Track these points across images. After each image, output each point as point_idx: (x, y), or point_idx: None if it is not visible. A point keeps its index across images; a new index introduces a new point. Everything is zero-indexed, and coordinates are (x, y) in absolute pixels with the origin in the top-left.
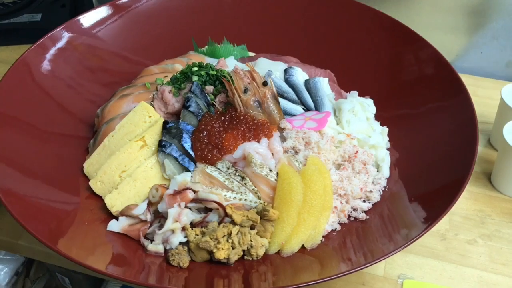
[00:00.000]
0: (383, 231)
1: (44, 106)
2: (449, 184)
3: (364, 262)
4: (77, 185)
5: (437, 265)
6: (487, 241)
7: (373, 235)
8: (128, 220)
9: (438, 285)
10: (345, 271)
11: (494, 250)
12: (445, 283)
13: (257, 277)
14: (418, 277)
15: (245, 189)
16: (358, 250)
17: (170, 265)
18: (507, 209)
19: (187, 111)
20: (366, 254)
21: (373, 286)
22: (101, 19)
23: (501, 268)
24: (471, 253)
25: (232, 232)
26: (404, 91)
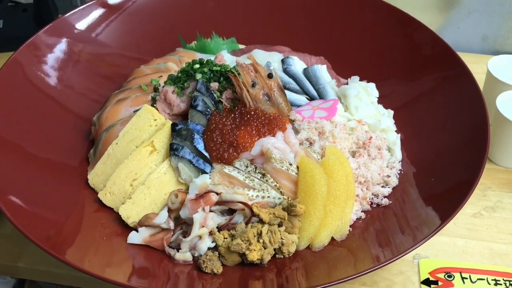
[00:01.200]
0: (408, 217)
1: (32, 114)
2: (468, 164)
3: (396, 252)
4: (82, 199)
5: (448, 242)
6: (491, 213)
7: (399, 221)
8: (149, 230)
9: (453, 261)
10: (380, 262)
11: (499, 221)
12: (458, 259)
13: (293, 275)
14: (432, 255)
15: (267, 186)
16: (387, 239)
17: (202, 272)
18: (506, 180)
19: (195, 111)
20: (396, 242)
21: (390, 268)
22: (83, 19)
23: (509, 238)
24: (478, 226)
25: (262, 232)
26: (402, 73)
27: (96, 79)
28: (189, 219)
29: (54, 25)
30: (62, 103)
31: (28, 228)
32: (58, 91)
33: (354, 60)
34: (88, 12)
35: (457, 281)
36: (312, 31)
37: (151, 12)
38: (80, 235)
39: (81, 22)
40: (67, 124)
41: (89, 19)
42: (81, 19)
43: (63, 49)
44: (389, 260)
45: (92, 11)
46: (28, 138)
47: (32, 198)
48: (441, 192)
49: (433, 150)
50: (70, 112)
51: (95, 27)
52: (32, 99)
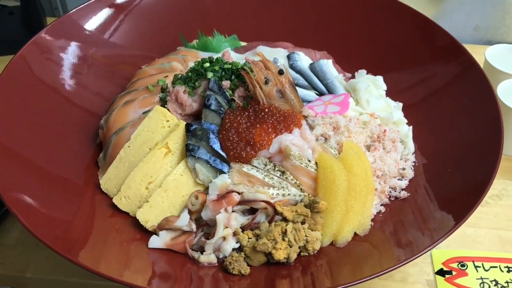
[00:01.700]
0: (428, 209)
1: (34, 116)
2: (484, 155)
3: (419, 246)
4: (94, 204)
5: (458, 231)
6: (497, 201)
7: (419, 214)
8: (170, 234)
9: (465, 250)
10: (406, 258)
11: (506, 208)
12: (469, 247)
13: (319, 272)
14: (444, 245)
15: (287, 183)
16: (409, 232)
17: (229, 273)
18: (509, 168)
19: (208, 110)
20: (418, 236)
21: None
22: (83, 18)
23: None
24: (485, 215)
25: (287, 230)
26: (405, 66)
27: (100, 80)
28: (211, 220)
29: (57, 23)
30: (67, 105)
31: (41, 232)
32: (62, 93)
33: (356, 54)
34: (88, 11)
35: (470, 270)
36: (313, 25)
37: (150, 11)
38: (94, 241)
39: (82, 20)
40: (72, 128)
41: (89, 17)
42: (82, 18)
43: (66, 49)
44: (415, 255)
45: (91, 10)
46: (32, 143)
47: (43, 204)
48: (461, 182)
49: (445, 141)
50: (75, 114)
51: (96, 26)
52: (36, 101)
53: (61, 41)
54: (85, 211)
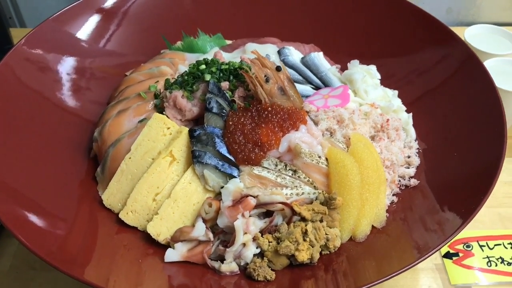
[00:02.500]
0: (440, 195)
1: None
2: (487, 138)
3: (440, 235)
4: (96, 221)
5: None
6: None
7: (433, 201)
8: (186, 245)
9: (468, 231)
10: (428, 249)
11: (501, 185)
12: (472, 228)
13: (342, 270)
14: None
15: (299, 182)
16: (426, 222)
17: (253, 280)
18: None
19: (210, 114)
20: (435, 225)
21: None
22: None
23: None
24: None
25: (307, 230)
26: (395, 54)
27: (86, 89)
28: (228, 227)
29: (37, 30)
30: (53, 117)
31: (39, 251)
32: (46, 106)
33: (344, 44)
34: (67, 17)
35: (476, 250)
36: (298, 18)
37: (130, 14)
38: (99, 258)
39: (62, 26)
40: (61, 142)
41: (68, 24)
42: (63, 24)
43: (47, 58)
44: (436, 246)
45: (70, 17)
46: (21, 161)
47: (38, 222)
48: (469, 166)
49: (445, 126)
50: (64, 127)
51: (75, 33)
52: (21, 114)
53: (41, 49)
54: (86, 228)
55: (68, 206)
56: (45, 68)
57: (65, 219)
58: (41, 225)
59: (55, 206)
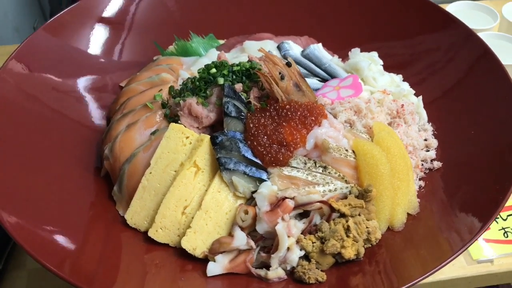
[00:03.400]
0: (469, 176)
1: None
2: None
3: (483, 216)
4: (119, 242)
5: None
6: None
7: (460, 184)
8: (227, 256)
9: None
10: (473, 232)
11: None
12: None
13: (388, 261)
14: None
15: (330, 178)
16: (460, 205)
17: (304, 284)
18: None
19: (230, 118)
20: (470, 207)
21: None
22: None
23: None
24: None
25: (350, 226)
26: (394, 40)
27: (82, 104)
28: (268, 233)
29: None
30: (54, 136)
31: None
32: (44, 125)
33: (338, 33)
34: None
35: None
36: (289, 11)
37: (118, 22)
38: (131, 280)
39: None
40: (68, 162)
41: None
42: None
43: (40, 72)
44: (479, 229)
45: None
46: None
47: (66, 247)
48: (493, 143)
49: (457, 106)
50: (67, 145)
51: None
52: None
53: (34, 63)
54: (108, 250)
55: (86, 229)
56: (32, 83)
57: (85, 243)
58: (59, 249)
59: (77, 230)
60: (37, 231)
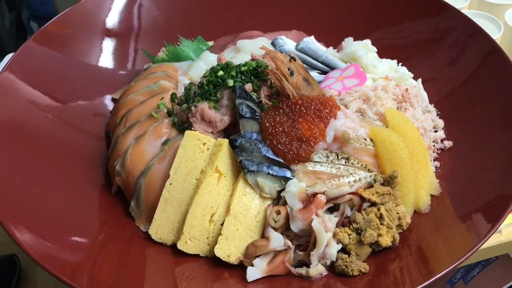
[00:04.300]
0: (482, 154)
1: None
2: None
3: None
4: (143, 259)
5: None
6: None
7: (474, 161)
8: (264, 260)
9: None
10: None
11: None
12: None
13: (421, 245)
14: None
15: (353, 168)
16: (480, 180)
17: (347, 277)
18: None
19: (245, 119)
20: (494, 181)
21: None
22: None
23: None
24: None
25: (383, 214)
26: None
27: (76, 118)
28: (302, 230)
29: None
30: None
31: None
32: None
33: (327, 24)
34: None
35: None
36: (274, 6)
37: (104, 31)
38: None
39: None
40: (73, 180)
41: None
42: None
43: (32, 84)
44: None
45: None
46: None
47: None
48: (499, 121)
49: (458, 88)
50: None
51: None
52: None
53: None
54: (133, 270)
55: (102, 250)
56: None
57: (104, 265)
58: (79, 270)
59: (93, 254)
60: (56, 255)
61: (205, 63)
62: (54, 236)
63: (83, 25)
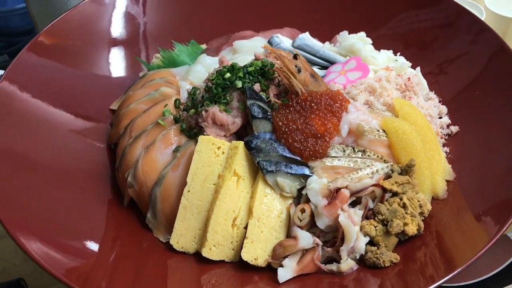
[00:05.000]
0: (488, 134)
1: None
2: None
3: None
4: (165, 270)
5: None
6: None
7: (482, 145)
8: (293, 259)
9: None
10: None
11: None
12: None
13: (446, 229)
14: None
15: (370, 161)
16: (492, 161)
17: (379, 268)
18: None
19: (258, 120)
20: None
21: None
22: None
23: None
24: None
25: (406, 203)
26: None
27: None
28: (329, 226)
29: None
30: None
31: None
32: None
33: (319, 20)
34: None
35: None
36: (264, 6)
37: (95, 41)
38: None
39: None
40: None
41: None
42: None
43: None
44: None
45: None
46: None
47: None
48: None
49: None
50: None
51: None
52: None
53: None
54: (157, 282)
55: (120, 266)
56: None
57: (127, 281)
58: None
59: (113, 271)
60: (72, 270)
61: (204, 67)
62: (67, 252)
63: (74, 35)
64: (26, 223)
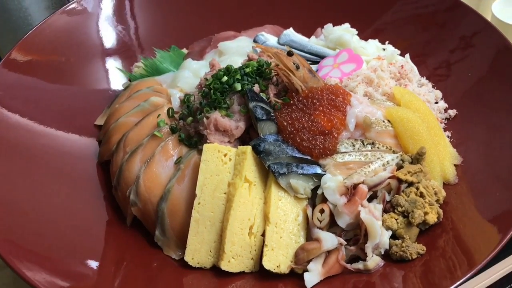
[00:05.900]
0: (488, 115)
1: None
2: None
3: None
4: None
5: None
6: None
7: (481, 128)
8: (317, 263)
9: None
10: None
11: None
12: None
13: (463, 214)
14: None
15: (379, 153)
16: (496, 142)
17: (406, 261)
18: None
19: (263, 122)
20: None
21: None
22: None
23: None
24: None
25: (422, 192)
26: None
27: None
28: (350, 224)
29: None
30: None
31: None
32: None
33: (299, 16)
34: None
35: None
36: (241, 6)
37: (74, 54)
38: None
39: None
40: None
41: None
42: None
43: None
44: None
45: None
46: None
47: None
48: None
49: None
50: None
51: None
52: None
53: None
54: None
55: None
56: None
57: None
58: None
59: None
60: None
61: (191, 72)
62: (68, 278)
63: (48, 49)
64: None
